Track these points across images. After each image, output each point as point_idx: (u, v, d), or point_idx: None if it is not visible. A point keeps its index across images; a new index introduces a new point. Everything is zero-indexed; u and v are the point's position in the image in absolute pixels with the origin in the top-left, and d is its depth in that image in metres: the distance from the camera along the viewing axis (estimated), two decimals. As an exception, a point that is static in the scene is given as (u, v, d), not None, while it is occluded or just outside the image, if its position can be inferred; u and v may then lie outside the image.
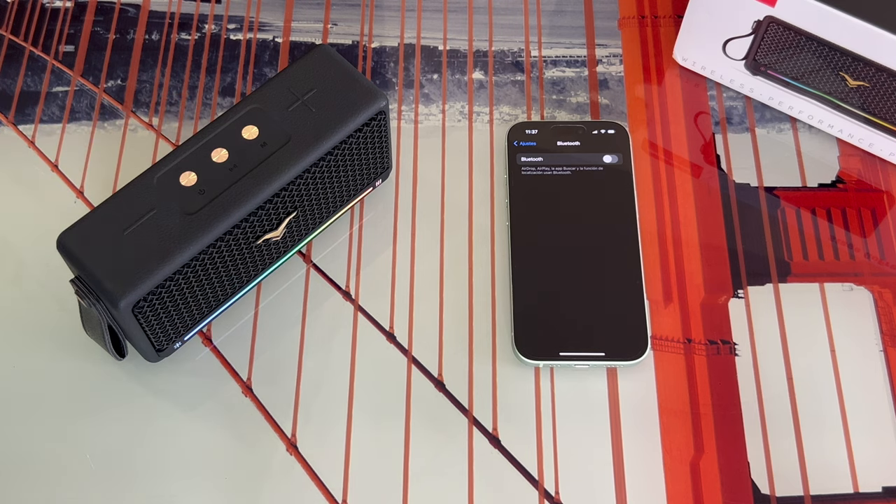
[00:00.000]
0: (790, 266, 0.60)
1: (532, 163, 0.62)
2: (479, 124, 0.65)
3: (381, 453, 0.54)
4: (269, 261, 0.57)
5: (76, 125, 0.65)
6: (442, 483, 0.53)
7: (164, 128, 0.65)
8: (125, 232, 0.50)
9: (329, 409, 0.55)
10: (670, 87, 0.67)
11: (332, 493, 0.53)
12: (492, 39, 0.69)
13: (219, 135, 0.53)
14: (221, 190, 0.52)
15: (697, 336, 0.57)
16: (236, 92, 0.67)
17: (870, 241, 0.60)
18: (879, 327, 0.58)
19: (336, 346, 0.57)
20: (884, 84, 0.59)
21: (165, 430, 0.55)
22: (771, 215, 0.61)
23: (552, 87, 0.67)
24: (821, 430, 0.55)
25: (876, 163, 0.63)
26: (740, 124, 0.65)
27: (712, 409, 0.55)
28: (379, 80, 0.67)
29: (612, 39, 0.69)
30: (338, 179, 0.56)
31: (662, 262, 0.60)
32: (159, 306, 0.51)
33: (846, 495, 0.53)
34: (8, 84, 0.67)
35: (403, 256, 0.60)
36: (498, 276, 0.59)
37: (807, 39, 0.59)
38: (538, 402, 0.56)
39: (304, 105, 0.54)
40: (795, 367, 0.57)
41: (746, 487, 0.53)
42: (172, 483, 0.53)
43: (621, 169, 0.62)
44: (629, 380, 0.56)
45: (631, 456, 0.54)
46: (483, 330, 0.58)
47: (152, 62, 0.68)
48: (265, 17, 0.70)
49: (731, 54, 0.64)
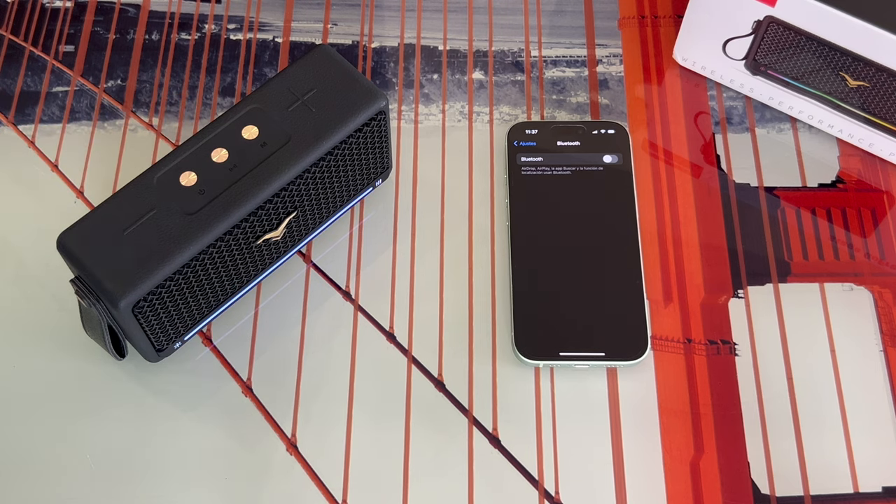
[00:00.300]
0: (790, 266, 0.60)
1: (532, 163, 0.62)
2: (479, 124, 0.65)
3: (381, 453, 0.54)
4: (269, 261, 0.57)
5: (76, 125, 0.65)
6: (442, 483, 0.53)
7: (164, 128, 0.65)
8: (125, 232, 0.50)
9: (329, 409, 0.55)
10: (670, 87, 0.67)
11: (332, 493, 0.53)
12: (492, 39, 0.69)
13: (219, 135, 0.53)
14: (221, 190, 0.52)
15: (697, 336, 0.57)
16: (236, 92, 0.67)
17: (870, 241, 0.60)
18: (879, 327, 0.58)
19: (336, 346, 0.57)
20: (884, 84, 0.59)
21: (165, 430, 0.55)
22: (771, 215, 0.61)
23: (552, 87, 0.67)
24: (821, 430, 0.55)
25: (876, 163, 0.63)
26: (740, 124, 0.65)
27: (712, 409, 0.55)
28: (379, 80, 0.67)
29: (612, 39, 0.69)
30: (338, 179, 0.56)
31: (662, 262, 0.60)
32: (159, 306, 0.51)
33: (846, 495, 0.53)
34: (8, 84, 0.67)
35: (403, 256, 0.60)
36: (498, 276, 0.59)
37: (807, 39, 0.59)
38: (538, 402, 0.56)
39: (304, 105, 0.54)
40: (795, 367, 0.57)
41: (746, 487, 0.53)
42: (172, 483, 0.53)
43: (621, 169, 0.62)
44: (629, 380, 0.56)
45: (631, 456, 0.54)
46: (483, 330, 0.58)
47: (152, 62, 0.68)
48: (265, 17, 0.70)
49: (731, 54, 0.64)
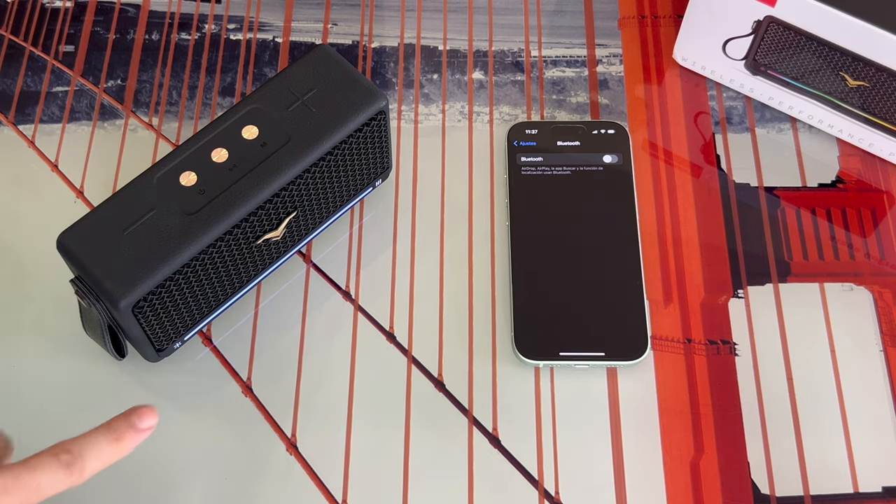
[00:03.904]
0: (790, 266, 0.60)
1: (532, 163, 0.62)
2: (479, 124, 0.65)
3: (381, 453, 0.54)
4: (269, 261, 0.57)
5: (76, 125, 0.65)
6: (442, 483, 0.53)
7: (164, 128, 0.65)
8: (125, 232, 0.50)
9: (329, 409, 0.55)
10: (670, 87, 0.67)
11: (332, 493, 0.53)
12: (492, 39, 0.69)
13: (219, 135, 0.53)
14: (221, 190, 0.52)
15: (697, 336, 0.57)
16: (236, 92, 0.67)
17: (870, 241, 0.60)
18: (879, 327, 0.58)
19: (336, 346, 0.57)
20: (884, 84, 0.59)
21: (165, 430, 0.55)
22: (771, 215, 0.61)
23: (552, 87, 0.67)
24: (821, 430, 0.55)
25: (876, 163, 0.63)
26: (740, 124, 0.65)
27: (712, 409, 0.55)
28: (379, 80, 0.67)
29: (612, 39, 0.69)
30: (338, 179, 0.56)
31: (662, 262, 0.60)
32: (159, 306, 0.51)
33: (846, 495, 0.53)
34: (8, 84, 0.67)
35: (403, 256, 0.60)
36: (498, 276, 0.59)
37: (807, 39, 0.59)
38: (538, 402, 0.56)
39: (304, 105, 0.54)
40: (795, 367, 0.57)
41: (746, 487, 0.53)
42: (172, 483, 0.53)
43: (621, 169, 0.62)
44: (629, 380, 0.56)
45: (631, 456, 0.54)
46: (483, 330, 0.58)
47: (152, 62, 0.68)
48: (265, 17, 0.70)
49: (731, 54, 0.64)
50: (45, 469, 0.42)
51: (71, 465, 0.42)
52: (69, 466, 0.42)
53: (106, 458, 0.44)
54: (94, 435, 0.44)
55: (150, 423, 0.46)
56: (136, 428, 0.45)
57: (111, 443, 0.44)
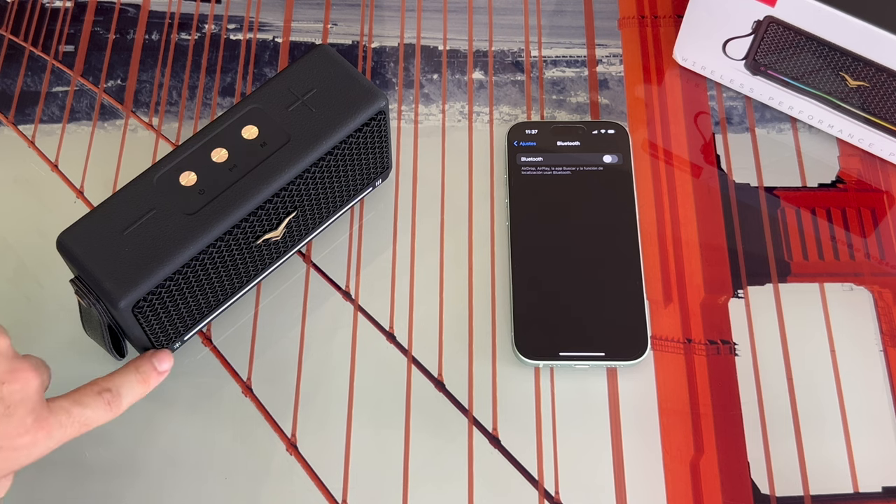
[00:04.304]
0: (790, 266, 0.60)
1: (532, 163, 0.62)
2: (479, 124, 0.65)
3: (381, 453, 0.54)
4: (269, 261, 0.57)
5: (76, 125, 0.65)
6: (442, 483, 0.53)
7: (164, 128, 0.65)
8: (125, 232, 0.50)
9: (329, 409, 0.55)
10: (670, 87, 0.67)
11: (332, 493, 0.53)
12: (492, 39, 0.69)
13: (219, 135, 0.53)
14: (221, 190, 0.52)
15: (697, 336, 0.57)
16: (236, 92, 0.67)
17: (870, 241, 0.60)
18: (879, 327, 0.58)
19: (336, 346, 0.57)
20: (884, 84, 0.59)
21: (165, 429, 0.55)
22: (771, 215, 0.61)
23: (552, 87, 0.67)
24: (821, 430, 0.55)
25: (876, 163, 0.63)
26: (740, 124, 0.65)
27: (712, 409, 0.55)
28: (379, 80, 0.67)
29: (612, 39, 0.69)
30: (338, 179, 0.56)
31: (662, 262, 0.60)
32: (159, 306, 0.51)
33: (846, 495, 0.53)
34: (8, 84, 0.67)
35: (403, 256, 0.60)
36: (498, 276, 0.59)
37: (807, 39, 0.59)
38: (538, 402, 0.56)
39: (304, 105, 0.54)
40: (795, 367, 0.57)
41: (746, 487, 0.53)
42: (172, 483, 0.53)
43: (621, 169, 0.62)
44: (629, 380, 0.56)
45: (631, 456, 0.54)
46: (483, 330, 0.58)
47: (152, 62, 0.68)
48: (265, 17, 0.70)
49: (731, 54, 0.64)
50: (91, 406, 0.47)
51: (111, 402, 0.48)
52: (110, 404, 0.48)
53: (136, 396, 0.50)
54: (126, 375, 0.50)
55: (168, 366, 0.52)
56: (157, 370, 0.51)
57: (140, 383, 0.50)
